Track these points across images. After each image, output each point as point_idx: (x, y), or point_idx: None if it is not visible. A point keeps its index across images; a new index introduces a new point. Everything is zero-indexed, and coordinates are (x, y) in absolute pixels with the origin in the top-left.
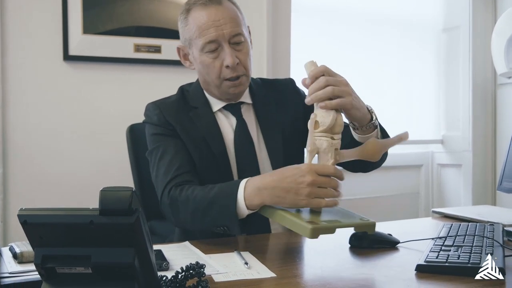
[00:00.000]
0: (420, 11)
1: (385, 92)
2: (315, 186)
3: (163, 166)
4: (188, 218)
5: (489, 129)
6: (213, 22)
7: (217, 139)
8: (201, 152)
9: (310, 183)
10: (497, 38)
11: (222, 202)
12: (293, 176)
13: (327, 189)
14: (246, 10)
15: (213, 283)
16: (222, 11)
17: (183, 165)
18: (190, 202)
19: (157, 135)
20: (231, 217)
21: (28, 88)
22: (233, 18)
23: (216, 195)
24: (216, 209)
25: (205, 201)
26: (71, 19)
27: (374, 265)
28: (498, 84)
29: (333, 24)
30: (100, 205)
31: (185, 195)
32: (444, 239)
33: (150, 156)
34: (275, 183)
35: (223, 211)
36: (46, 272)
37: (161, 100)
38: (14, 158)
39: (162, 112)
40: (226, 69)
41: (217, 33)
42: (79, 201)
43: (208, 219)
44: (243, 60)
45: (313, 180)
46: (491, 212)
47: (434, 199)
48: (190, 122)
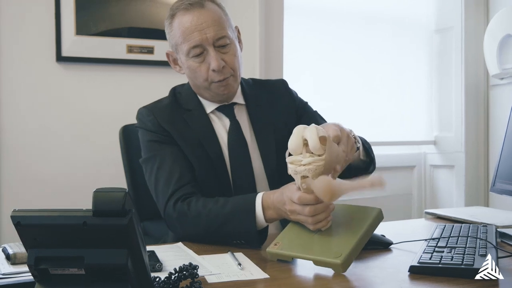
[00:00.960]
0: (412, 11)
1: (377, 92)
2: (296, 214)
3: (162, 176)
4: (201, 233)
5: (482, 130)
6: (196, 27)
7: (213, 142)
8: (198, 155)
9: (291, 212)
10: (489, 39)
11: (240, 217)
12: (281, 202)
13: (305, 217)
14: (238, 9)
15: (206, 284)
16: (205, 14)
17: (183, 175)
18: (203, 218)
19: (153, 142)
20: (251, 233)
21: (21, 89)
22: (216, 21)
23: (233, 210)
24: (233, 223)
25: (220, 217)
26: (64, 20)
27: (367, 266)
28: (490, 85)
29: (326, 24)
30: (93, 206)
31: (196, 210)
32: (437, 240)
33: (146, 164)
34: (277, 204)
35: (242, 225)
36: (39, 274)
37: (153, 104)
38: (6, 158)
39: (156, 118)
40: (212, 72)
41: (201, 37)
42: (72, 202)
43: (225, 234)
44: (229, 61)
45: (290, 210)
46: (484, 213)
47: (427, 200)
48: (185, 125)
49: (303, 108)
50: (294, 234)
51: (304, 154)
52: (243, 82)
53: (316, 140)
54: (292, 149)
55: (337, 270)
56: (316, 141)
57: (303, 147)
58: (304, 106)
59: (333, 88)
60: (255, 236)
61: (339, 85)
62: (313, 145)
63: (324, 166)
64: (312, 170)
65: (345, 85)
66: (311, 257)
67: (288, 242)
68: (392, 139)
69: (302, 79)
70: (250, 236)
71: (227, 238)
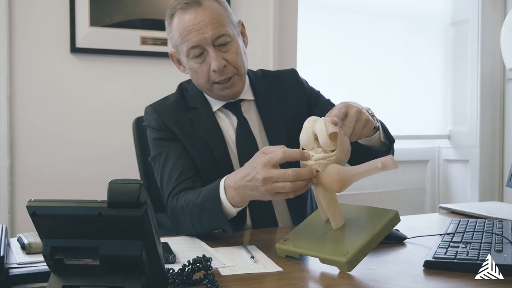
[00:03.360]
0: (428, 4)
1: (392, 86)
2: (271, 182)
3: (166, 174)
4: (190, 227)
5: (497, 124)
6: (193, 26)
7: (218, 141)
8: (202, 154)
9: (264, 180)
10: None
11: (209, 207)
12: (251, 173)
13: (283, 184)
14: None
15: (220, 276)
16: (202, 13)
17: (184, 172)
18: (185, 211)
19: (158, 140)
20: (222, 220)
21: (35, 80)
22: (215, 19)
23: (203, 201)
24: (206, 214)
25: (196, 208)
26: (78, 11)
27: (381, 261)
28: (506, 79)
29: (340, 17)
30: (108, 197)
31: (180, 204)
32: (452, 235)
33: (154, 162)
34: (242, 181)
35: (213, 216)
36: (54, 264)
37: (159, 102)
38: (21, 150)
39: (161, 116)
40: (214, 73)
41: (199, 37)
42: (86, 193)
43: (204, 224)
44: (232, 60)
45: (264, 178)
46: (499, 209)
47: (440, 194)
48: (190, 124)
49: (315, 97)
50: (306, 231)
51: (316, 149)
52: (251, 75)
53: (325, 137)
54: (303, 144)
55: (342, 268)
56: (326, 138)
57: (314, 142)
58: (316, 95)
59: (347, 82)
60: (226, 223)
61: (353, 79)
62: (323, 142)
63: (335, 161)
64: (323, 165)
65: (359, 79)
66: (317, 255)
67: (298, 238)
68: (406, 133)
69: (316, 73)
70: (222, 223)
71: (208, 228)
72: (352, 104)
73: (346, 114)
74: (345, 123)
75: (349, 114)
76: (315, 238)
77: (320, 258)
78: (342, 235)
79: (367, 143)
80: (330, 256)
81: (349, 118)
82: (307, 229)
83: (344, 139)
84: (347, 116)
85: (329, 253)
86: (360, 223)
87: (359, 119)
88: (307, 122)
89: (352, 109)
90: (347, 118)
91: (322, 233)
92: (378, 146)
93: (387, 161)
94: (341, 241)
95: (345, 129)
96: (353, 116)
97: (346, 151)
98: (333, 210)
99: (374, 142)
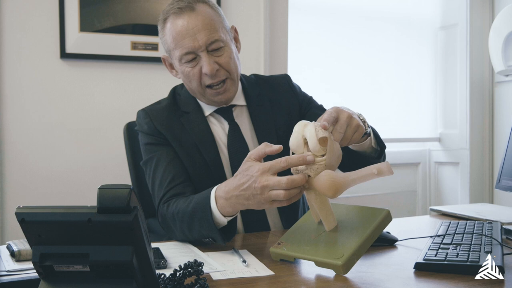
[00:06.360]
0: (417, 8)
1: (382, 89)
2: (268, 190)
3: (157, 179)
4: (180, 234)
5: (487, 127)
6: (187, 32)
7: (209, 146)
8: (193, 160)
9: (262, 188)
10: (494, 36)
11: (200, 216)
12: (248, 182)
13: (277, 192)
14: (243, 7)
15: (211, 281)
16: (195, 18)
17: (176, 177)
18: (176, 218)
19: (150, 144)
20: (212, 229)
21: (25, 86)
22: (208, 24)
23: (194, 209)
24: (197, 223)
25: (186, 216)
26: (68, 17)
27: (372, 263)
28: (495, 82)
29: (331, 21)
30: (98, 203)
31: (171, 211)
32: (442, 237)
33: (145, 167)
34: (236, 191)
35: (203, 224)
36: (44, 270)
37: (151, 106)
38: (11, 155)
39: (152, 121)
40: (206, 76)
41: (193, 43)
42: (77, 198)
43: (194, 232)
44: (224, 64)
45: (262, 186)
46: (489, 210)
47: (431, 197)
48: (182, 128)
49: (307, 103)
50: (299, 234)
51: (306, 153)
52: (244, 80)
53: (315, 142)
54: (293, 149)
55: (338, 271)
56: (315, 143)
57: (304, 146)
58: (309, 101)
59: (338, 85)
60: (216, 233)
61: (344, 83)
62: (313, 146)
63: (326, 166)
64: (314, 170)
65: (350, 82)
66: (312, 258)
67: (292, 242)
68: (397, 136)
69: (307, 76)
70: (212, 232)
71: (199, 237)
72: (343, 109)
73: (336, 119)
74: (335, 128)
75: (340, 119)
76: (308, 241)
77: (315, 262)
78: (336, 237)
79: (358, 148)
80: (325, 259)
81: (339, 123)
82: (300, 232)
83: (334, 144)
84: (337, 121)
85: (324, 256)
86: (353, 224)
87: (350, 124)
88: (297, 126)
89: (343, 114)
90: (337, 123)
91: (315, 236)
92: (369, 152)
93: (382, 167)
94: (335, 244)
95: (335, 134)
96: (344, 121)
97: (337, 156)
98: (326, 212)
99: (365, 148)
